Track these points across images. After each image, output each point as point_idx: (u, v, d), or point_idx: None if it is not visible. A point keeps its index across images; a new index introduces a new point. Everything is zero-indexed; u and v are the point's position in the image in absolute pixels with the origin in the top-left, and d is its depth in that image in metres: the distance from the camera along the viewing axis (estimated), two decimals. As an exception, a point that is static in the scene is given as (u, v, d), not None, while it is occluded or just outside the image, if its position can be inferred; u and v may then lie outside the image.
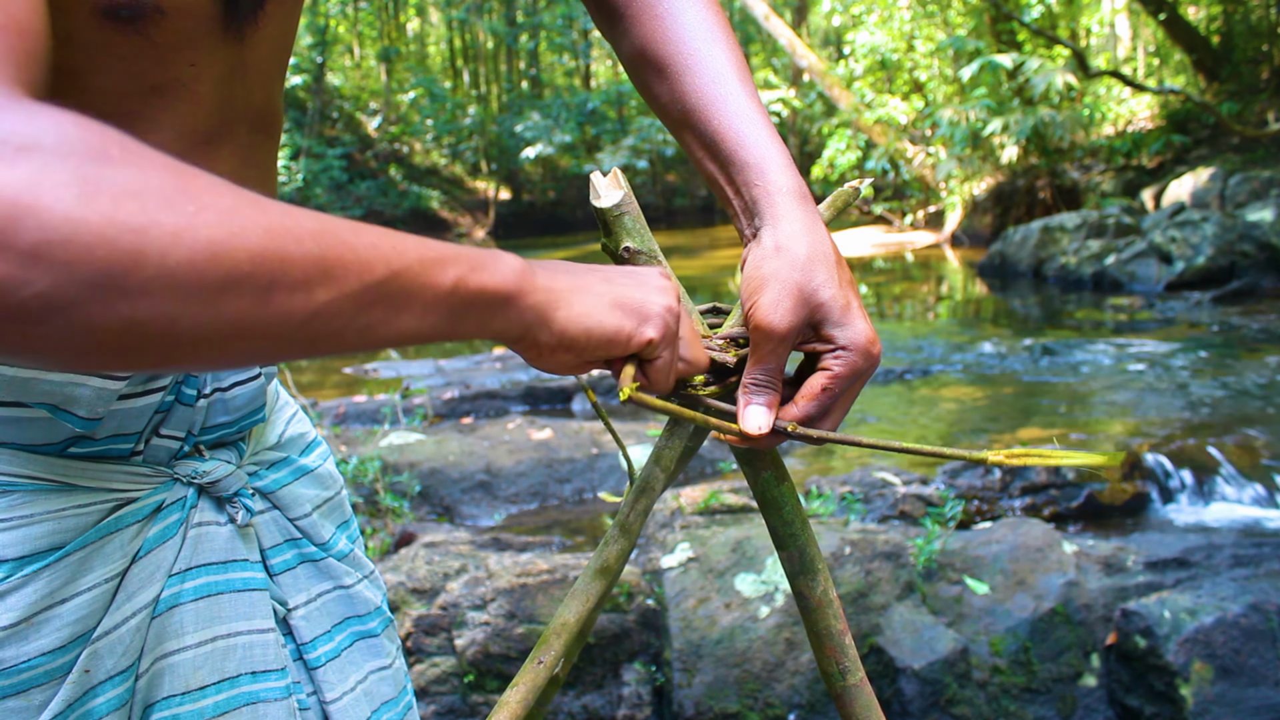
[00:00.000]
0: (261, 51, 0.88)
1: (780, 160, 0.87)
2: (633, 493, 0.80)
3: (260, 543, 0.97)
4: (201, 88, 0.82)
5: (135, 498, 0.87)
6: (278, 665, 0.94)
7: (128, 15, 0.73)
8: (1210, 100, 13.04)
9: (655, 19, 0.96)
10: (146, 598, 0.87)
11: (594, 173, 0.84)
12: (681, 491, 3.18)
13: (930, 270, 12.17)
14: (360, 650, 1.04)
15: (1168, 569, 2.82)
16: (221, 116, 0.86)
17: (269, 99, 0.92)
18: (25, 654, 0.80)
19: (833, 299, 0.81)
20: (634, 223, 0.83)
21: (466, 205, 22.68)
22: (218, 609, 0.91)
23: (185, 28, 0.78)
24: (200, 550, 0.91)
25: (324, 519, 1.05)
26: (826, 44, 24.13)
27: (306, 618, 1.00)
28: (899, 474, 3.59)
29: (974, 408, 5.19)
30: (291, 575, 1.00)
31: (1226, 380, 5.33)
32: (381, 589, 1.12)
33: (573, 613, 0.72)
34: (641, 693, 2.54)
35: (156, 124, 0.81)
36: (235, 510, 0.94)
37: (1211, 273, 8.47)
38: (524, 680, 0.67)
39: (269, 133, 0.94)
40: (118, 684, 0.85)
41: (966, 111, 12.91)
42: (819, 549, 0.84)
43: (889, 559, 2.66)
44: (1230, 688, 2.45)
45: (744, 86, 0.92)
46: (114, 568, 0.85)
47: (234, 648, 0.91)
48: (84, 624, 0.83)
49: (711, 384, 0.84)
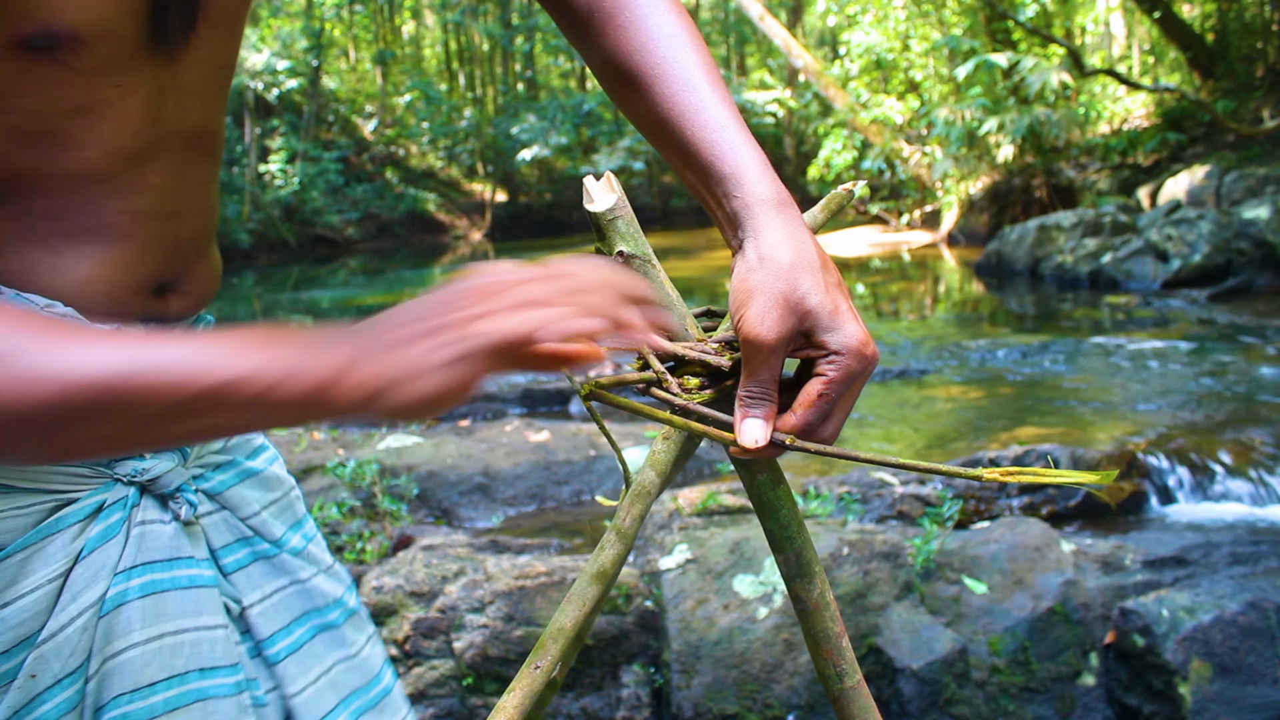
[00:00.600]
0: (196, 72, 0.88)
1: (757, 169, 0.86)
2: (629, 497, 0.80)
3: (211, 543, 0.97)
4: (128, 106, 0.83)
5: (75, 498, 0.87)
6: (228, 661, 0.94)
7: (44, 45, 0.75)
8: (1205, 98, 13.06)
9: (619, 29, 0.94)
10: (91, 598, 0.86)
11: (587, 177, 0.84)
12: (679, 493, 3.18)
13: (927, 270, 12.18)
14: (322, 642, 1.04)
15: (1166, 568, 2.82)
16: (151, 134, 0.86)
17: (207, 118, 0.93)
18: None
19: (820, 305, 0.80)
20: (627, 227, 0.83)
21: (463, 208, 22.68)
22: (163, 606, 0.90)
23: (107, 53, 0.79)
24: (144, 548, 0.90)
25: (274, 519, 1.05)
26: (822, 44, 24.15)
27: (263, 614, 0.99)
28: (896, 474, 3.59)
29: (971, 407, 5.19)
30: (245, 573, 0.99)
31: (1223, 378, 5.33)
32: (344, 582, 1.12)
33: (569, 618, 0.72)
34: (640, 694, 2.53)
35: (81, 142, 0.82)
36: (179, 506, 0.93)
37: (1208, 270, 8.48)
38: (521, 685, 0.67)
39: (206, 151, 0.94)
40: (66, 687, 0.85)
41: (962, 111, 12.92)
42: (815, 552, 0.84)
43: (887, 559, 2.66)
44: (1228, 686, 2.45)
45: (715, 92, 0.90)
46: (56, 568, 0.85)
47: (181, 644, 0.91)
48: (27, 627, 0.83)
49: (707, 388, 0.83)
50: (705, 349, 0.83)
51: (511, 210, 22.76)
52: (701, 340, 0.85)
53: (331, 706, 1.02)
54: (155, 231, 0.89)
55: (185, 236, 0.93)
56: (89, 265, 0.85)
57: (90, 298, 0.85)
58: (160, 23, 0.81)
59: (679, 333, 0.85)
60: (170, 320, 0.94)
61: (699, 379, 0.83)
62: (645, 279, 0.84)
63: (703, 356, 0.83)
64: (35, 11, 0.74)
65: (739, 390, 0.80)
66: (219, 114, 0.96)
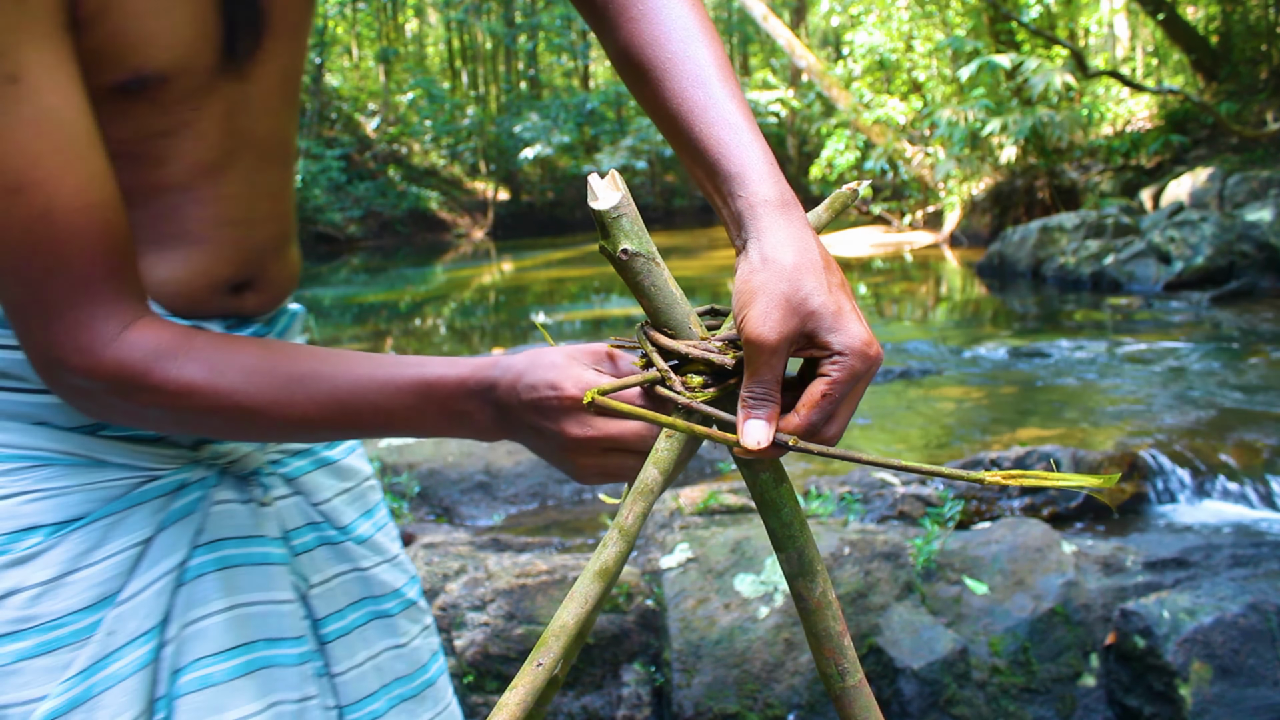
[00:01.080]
0: (265, 84, 0.95)
1: (762, 169, 0.86)
2: (631, 495, 0.80)
3: (284, 524, 1.06)
4: (204, 125, 0.90)
5: (160, 475, 0.96)
6: (294, 634, 1.02)
7: (135, 88, 0.83)
8: (1209, 100, 13.05)
9: (633, 21, 0.96)
10: (168, 565, 0.95)
11: (591, 175, 0.84)
12: (681, 492, 3.18)
13: (929, 270, 12.18)
14: (374, 629, 1.12)
15: (1167, 569, 2.82)
16: (225, 147, 0.93)
17: (278, 127, 0.99)
18: (56, 611, 0.89)
19: (823, 306, 0.79)
20: (632, 224, 0.82)
21: (465, 206, 22.67)
22: (238, 580, 0.99)
23: (189, 84, 0.87)
24: (222, 525, 0.99)
25: (346, 505, 1.14)
26: (825, 44, 24.13)
27: (320, 596, 1.08)
28: (898, 474, 3.59)
29: (972, 408, 5.19)
30: (310, 556, 1.08)
31: (1225, 380, 5.33)
32: (407, 573, 1.20)
33: (571, 615, 0.72)
34: (641, 693, 2.54)
35: (163, 160, 0.90)
36: (254, 489, 1.02)
37: (1210, 273, 8.47)
38: (522, 683, 0.67)
39: (277, 159, 1.01)
40: (140, 645, 0.92)
41: (965, 112, 12.91)
42: (818, 550, 0.84)
43: (888, 559, 2.66)
44: (1229, 688, 2.45)
45: (726, 88, 0.91)
46: (137, 536, 0.93)
47: (252, 616, 0.99)
48: (109, 586, 0.91)
49: (710, 386, 0.83)
50: (709, 347, 0.83)
51: (514, 209, 22.75)
52: (705, 339, 0.85)
53: (373, 690, 1.10)
54: (230, 236, 0.96)
55: (259, 240, 1.00)
56: (169, 268, 0.93)
57: (169, 297, 0.93)
58: (230, 46, 0.88)
59: (683, 331, 0.85)
60: (248, 316, 1.02)
61: (702, 377, 0.83)
62: (649, 276, 0.84)
63: (706, 355, 0.83)
64: (127, 60, 0.82)
65: (742, 390, 0.80)
66: (290, 122, 1.02)
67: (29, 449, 0.90)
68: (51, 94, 0.78)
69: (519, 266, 15.40)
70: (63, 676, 0.89)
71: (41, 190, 0.77)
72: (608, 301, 10.43)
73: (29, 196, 0.77)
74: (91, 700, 0.89)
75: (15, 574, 0.88)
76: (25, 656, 0.88)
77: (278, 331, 1.08)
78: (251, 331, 1.02)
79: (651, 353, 0.85)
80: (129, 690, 0.91)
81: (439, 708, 1.19)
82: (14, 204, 0.77)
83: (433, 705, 1.18)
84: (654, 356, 0.84)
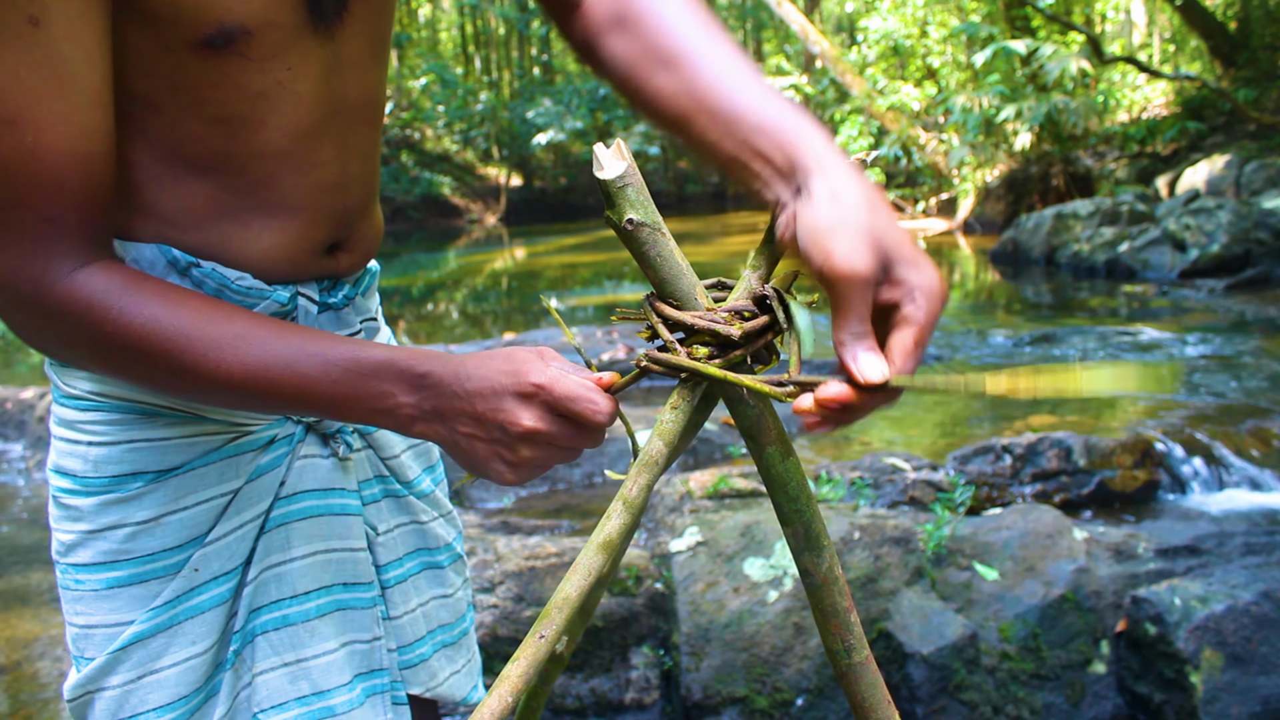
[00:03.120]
0: (355, 45, 0.98)
1: (811, 123, 0.87)
2: (635, 467, 0.79)
3: (357, 476, 1.13)
4: (299, 87, 0.94)
5: (251, 431, 1.04)
6: (367, 579, 1.12)
7: (221, 42, 0.87)
8: (1226, 87, 12.95)
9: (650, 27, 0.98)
10: (253, 513, 1.04)
11: (597, 145, 0.83)
12: (690, 476, 3.18)
13: (942, 257, 12.13)
14: (426, 578, 1.22)
15: (1179, 556, 2.81)
16: (321, 110, 0.97)
17: (368, 88, 1.03)
18: (151, 547, 0.99)
19: (900, 237, 0.78)
20: (637, 194, 0.82)
21: (478, 192, 22.67)
22: (319, 528, 1.08)
23: (275, 39, 0.90)
24: (305, 478, 1.07)
25: (413, 460, 1.22)
26: (839, 30, 24.01)
27: (384, 544, 1.16)
28: (909, 460, 3.58)
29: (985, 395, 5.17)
30: (376, 507, 1.16)
31: (1240, 368, 5.30)
32: (457, 528, 1.30)
33: (574, 587, 0.71)
34: (649, 676, 2.54)
35: (262, 124, 0.94)
36: (337, 445, 1.10)
37: (1226, 261, 8.41)
38: (525, 654, 0.67)
39: (368, 119, 1.04)
40: (221, 584, 1.02)
41: (980, 98, 12.83)
42: (824, 525, 0.83)
43: (898, 544, 2.65)
44: (1241, 675, 2.44)
45: (758, 75, 0.93)
46: (228, 485, 1.02)
47: (331, 562, 1.08)
48: (198, 528, 1.01)
49: (716, 358, 0.83)
50: (715, 318, 0.83)
51: (526, 194, 22.74)
52: (711, 310, 0.84)
53: (422, 635, 1.20)
54: (325, 201, 1.02)
55: (351, 202, 1.05)
56: (271, 235, 0.99)
57: (273, 263, 1.00)
58: (316, 4, 0.91)
59: (689, 302, 0.84)
60: (340, 274, 1.08)
61: (708, 349, 0.83)
62: (655, 246, 0.83)
63: (712, 326, 0.82)
64: (208, 13, 0.85)
65: (840, 332, 0.78)
66: (379, 83, 1.05)
67: (137, 401, 0.99)
68: (67, 43, 0.81)
69: (531, 252, 15.39)
70: (150, 605, 0.99)
71: (34, 128, 0.81)
72: (620, 287, 10.42)
73: (20, 131, 0.81)
74: (173, 628, 1.00)
75: (119, 511, 0.99)
76: (120, 584, 0.99)
77: (362, 289, 1.14)
78: (341, 293, 1.08)
79: (657, 324, 0.84)
80: (207, 622, 1.01)
81: (470, 655, 1.29)
82: (4, 133, 0.81)
83: (466, 653, 1.28)
84: (659, 328, 0.84)
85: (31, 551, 3.90)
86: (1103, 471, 3.64)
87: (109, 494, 0.99)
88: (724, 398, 0.86)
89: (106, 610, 0.99)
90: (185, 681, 1.00)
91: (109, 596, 0.99)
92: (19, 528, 4.25)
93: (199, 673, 1.01)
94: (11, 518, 4.41)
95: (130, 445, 0.99)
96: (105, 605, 0.99)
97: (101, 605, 0.99)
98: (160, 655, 1.00)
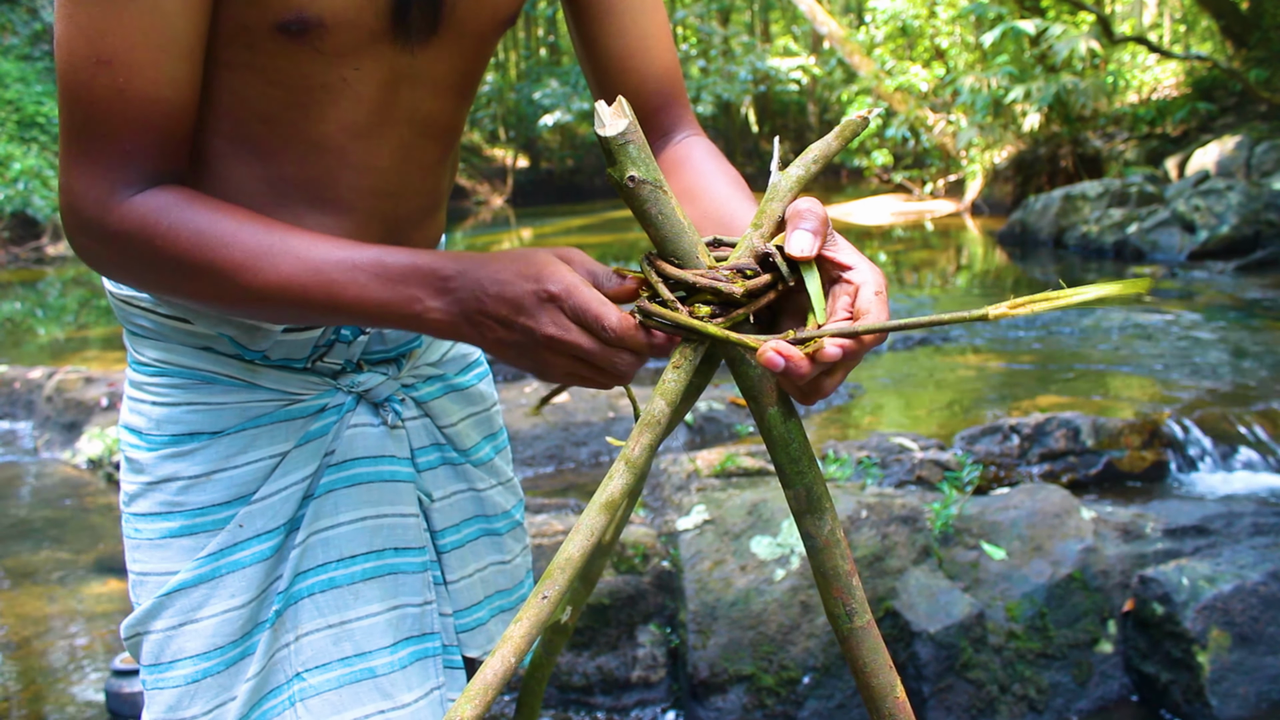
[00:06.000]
0: (439, 68, 1.02)
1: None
2: (637, 427, 0.79)
3: (411, 443, 1.17)
4: (364, 88, 0.98)
5: (303, 398, 1.09)
6: (418, 544, 1.16)
7: (297, 29, 0.91)
8: (1238, 67, 12.85)
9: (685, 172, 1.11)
10: (299, 476, 1.09)
11: (599, 101, 0.82)
12: (698, 454, 3.18)
13: (950, 239, 12.09)
14: (483, 545, 1.25)
15: (1187, 536, 2.80)
16: (382, 116, 1.01)
17: (442, 110, 1.07)
18: (202, 501, 1.06)
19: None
20: (639, 151, 0.81)
21: (484, 173, 22.62)
22: (368, 494, 1.12)
23: (349, 39, 0.94)
24: (355, 446, 1.11)
25: (471, 429, 1.25)
26: (847, 10, 23.85)
27: (440, 511, 1.20)
28: (916, 439, 3.58)
29: (993, 375, 5.16)
30: (433, 474, 1.20)
31: (1248, 349, 5.28)
32: (517, 496, 1.33)
33: (576, 547, 0.71)
34: (656, 654, 2.54)
35: (323, 116, 0.98)
36: (386, 414, 1.14)
37: (1235, 242, 8.36)
38: (527, 615, 0.67)
39: (435, 137, 1.08)
40: (263, 540, 1.07)
41: (988, 79, 12.76)
42: (826, 488, 0.82)
43: (905, 523, 2.65)
44: (1248, 655, 2.44)
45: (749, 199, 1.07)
46: (277, 449, 1.08)
47: (381, 527, 1.13)
48: (246, 487, 1.07)
49: (718, 316, 0.82)
50: (717, 276, 0.82)
51: (533, 176, 22.68)
52: (713, 268, 0.83)
53: (478, 600, 1.24)
54: (377, 207, 1.06)
55: (404, 212, 1.10)
56: (322, 230, 1.01)
57: None
58: (402, 18, 0.95)
59: (690, 260, 0.84)
60: None
61: (710, 307, 0.82)
62: (656, 204, 0.82)
63: (714, 283, 0.82)
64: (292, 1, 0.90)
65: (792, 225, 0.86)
66: (457, 111, 1.10)
67: (197, 368, 1.07)
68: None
69: (538, 233, 15.37)
70: (196, 555, 1.06)
71: (125, 70, 0.87)
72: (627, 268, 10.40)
73: (113, 70, 0.87)
74: (216, 579, 1.06)
75: (174, 465, 1.06)
76: (172, 534, 1.07)
77: None
78: None
79: (657, 282, 0.84)
80: (248, 577, 1.07)
81: None
82: (99, 72, 0.87)
83: None
84: (659, 286, 0.83)
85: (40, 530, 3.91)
86: (1111, 452, 3.63)
87: (168, 449, 1.06)
88: (726, 358, 0.86)
89: (159, 559, 1.07)
90: (222, 633, 1.06)
91: (162, 545, 1.07)
92: (28, 507, 4.26)
93: (235, 625, 1.06)
94: (20, 497, 4.43)
95: (190, 407, 1.07)
96: (158, 554, 1.07)
97: (155, 554, 1.07)
98: (201, 605, 1.06)
